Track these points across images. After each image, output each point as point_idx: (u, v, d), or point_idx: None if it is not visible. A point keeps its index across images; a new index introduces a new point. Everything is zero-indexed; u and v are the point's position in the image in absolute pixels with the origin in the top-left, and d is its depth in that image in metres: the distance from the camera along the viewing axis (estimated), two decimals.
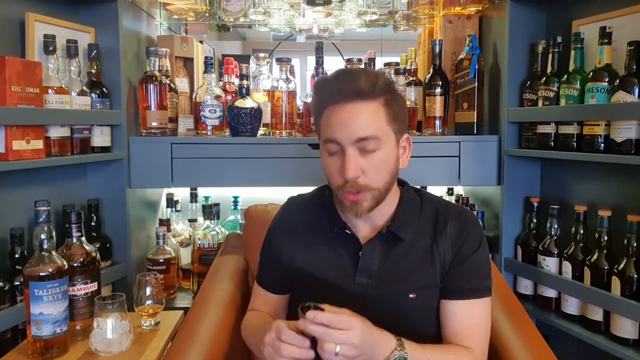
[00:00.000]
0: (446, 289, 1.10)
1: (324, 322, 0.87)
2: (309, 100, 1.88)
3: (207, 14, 2.03)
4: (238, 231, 1.92)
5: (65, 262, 1.27)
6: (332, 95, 1.03)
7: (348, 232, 1.12)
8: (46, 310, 1.22)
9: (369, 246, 1.11)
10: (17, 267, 1.38)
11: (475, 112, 1.85)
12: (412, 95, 1.93)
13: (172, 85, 1.92)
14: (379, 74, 1.05)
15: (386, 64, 1.93)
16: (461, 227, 1.11)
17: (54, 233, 1.27)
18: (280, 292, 1.22)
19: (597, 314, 1.51)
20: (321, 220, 1.17)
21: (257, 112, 1.82)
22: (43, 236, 1.24)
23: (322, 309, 0.89)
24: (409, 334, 1.07)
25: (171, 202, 2.09)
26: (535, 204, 1.75)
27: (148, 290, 1.45)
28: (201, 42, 2.26)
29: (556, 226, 1.67)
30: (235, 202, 2.08)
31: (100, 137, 1.68)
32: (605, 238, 1.49)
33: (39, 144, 1.41)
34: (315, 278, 1.13)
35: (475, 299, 1.09)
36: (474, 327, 1.08)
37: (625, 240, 1.43)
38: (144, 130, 1.81)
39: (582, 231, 1.58)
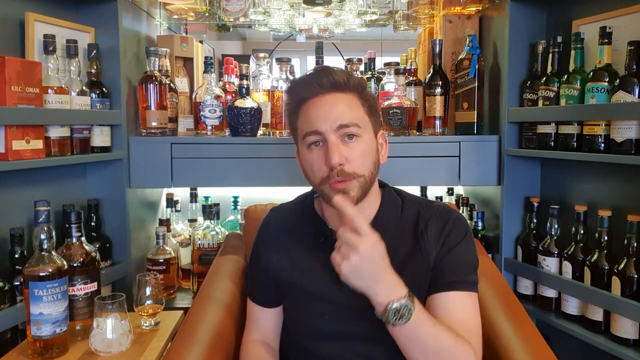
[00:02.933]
0: (434, 282, 1.07)
1: (348, 213, 0.92)
2: None
3: (207, 14, 2.03)
4: (238, 231, 1.92)
5: (65, 262, 1.27)
6: (309, 89, 1.05)
7: (334, 239, 1.09)
8: (46, 310, 1.22)
9: None
10: (17, 267, 1.38)
11: (475, 112, 1.85)
12: (412, 95, 1.93)
13: (172, 85, 1.92)
14: (351, 72, 1.10)
15: (386, 64, 1.93)
16: (443, 224, 1.10)
17: (53, 233, 1.27)
18: (273, 306, 1.21)
19: (597, 314, 1.50)
20: (305, 229, 1.16)
21: (257, 112, 1.82)
22: (43, 236, 1.24)
23: None
24: None
25: (171, 202, 2.09)
26: (536, 204, 1.75)
27: (148, 290, 1.45)
28: (201, 42, 2.26)
29: (556, 226, 1.67)
30: (235, 202, 2.08)
31: (100, 137, 1.68)
32: (606, 238, 1.49)
33: (38, 144, 1.41)
34: (303, 290, 1.13)
35: (463, 292, 1.06)
36: (467, 321, 1.04)
37: (626, 240, 1.43)
38: (144, 130, 1.81)
39: (582, 231, 1.57)
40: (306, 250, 1.14)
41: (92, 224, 1.70)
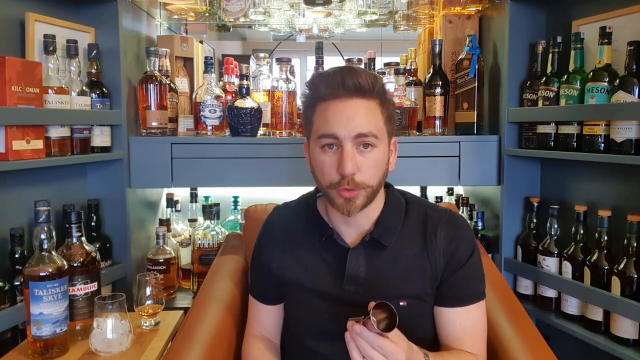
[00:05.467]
0: (442, 297, 1.09)
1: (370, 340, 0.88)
2: None
3: (207, 14, 2.03)
4: (238, 231, 1.92)
5: (65, 262, 1.27)
6: (332, 90, 1.01)
7: (336, 239, 1.10)
8: (46, 310, 1.22)
9: (354, 253, 1.09)
10: (17, 267, 1.38)
11: (475, 112, 1.85)
12: (412, 95, 1.93)
13: (172, 85, 1.92)
14: (376, 75, 1.05)
15: (386, 64, 1.93)
16: (452, 234, 1.10)
17: (54, 233, 1.27)
18: (275, 303, 1.22)
19: (597, 314, 1.51)
20: (308, 228, 1.16)
21: (257, 112, 1.82)
22: (43, 236, 1.24)
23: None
24: None
25: (171, 202, 2.09)
26: (535, 204, 1.75)
27: (148, 290, 1.45)
28: (201, 42, 2.26)
29: (556, 226, 1.67)
30: (235, 202, 2.08)
31: (100, 137, 1.68)
32: (605, 238, 1.49)
33: (39, 144, 1.41)
34: (305, 288, 1.13)
35: (472, 305, 1.09)
36: (473, 332, 1.09)
37: (625, 240, 1.43)
38: (144, 130, 1.81)
39: (582, 231, 1.58)
40: (309, 250, 1.14)
41: (92, 224, 1.70)
